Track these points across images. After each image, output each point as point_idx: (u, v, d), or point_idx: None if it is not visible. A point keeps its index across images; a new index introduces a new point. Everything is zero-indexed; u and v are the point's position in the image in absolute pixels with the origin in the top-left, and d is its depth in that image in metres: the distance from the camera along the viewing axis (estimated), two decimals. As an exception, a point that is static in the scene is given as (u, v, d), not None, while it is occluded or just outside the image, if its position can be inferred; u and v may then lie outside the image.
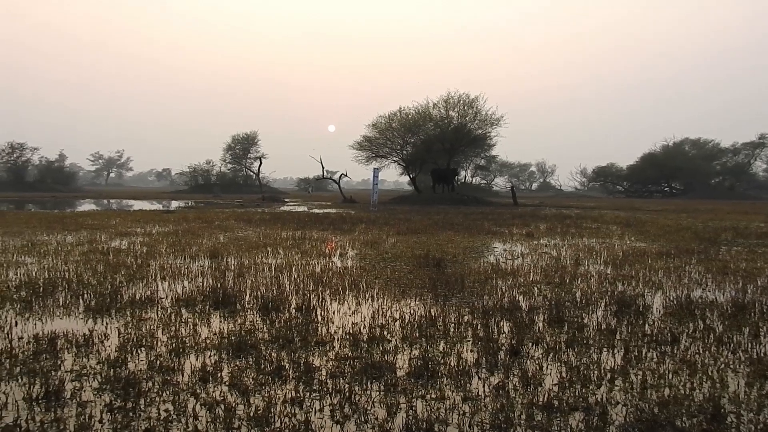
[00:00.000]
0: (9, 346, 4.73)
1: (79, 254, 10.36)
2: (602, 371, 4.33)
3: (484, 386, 4.01)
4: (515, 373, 4.29)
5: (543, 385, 4.05)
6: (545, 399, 3.73)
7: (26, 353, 4.58)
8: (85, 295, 6.70)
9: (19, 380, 4.00)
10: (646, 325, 5.70)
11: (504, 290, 7.41)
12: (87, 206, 33.82)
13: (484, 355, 4.64)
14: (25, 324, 5.53)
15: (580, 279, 8.32)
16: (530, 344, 5.00)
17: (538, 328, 5.58)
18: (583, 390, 3.95)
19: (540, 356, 4.71)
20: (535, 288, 7.63)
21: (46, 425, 3.30)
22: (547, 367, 4.44)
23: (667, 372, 4.35)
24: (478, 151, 52.02)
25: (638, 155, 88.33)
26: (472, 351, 4.82)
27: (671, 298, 6.90)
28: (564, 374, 4.25)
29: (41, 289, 7.00)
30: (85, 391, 3.82)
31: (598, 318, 5.99)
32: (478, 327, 5.53)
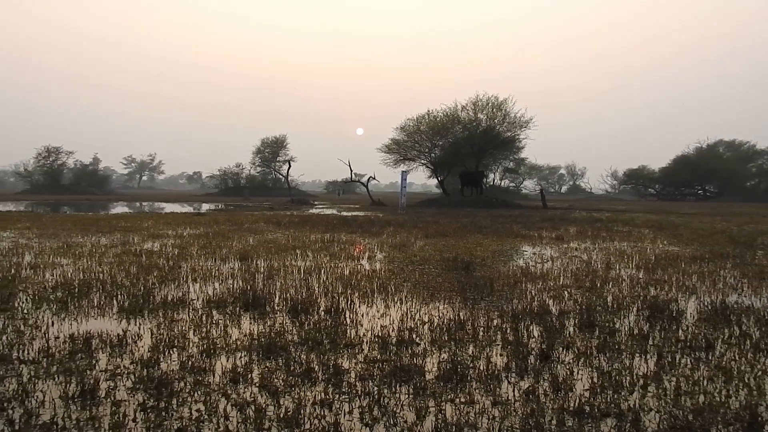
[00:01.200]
0: (46, 345, 4.84)
1: (112, 256, 10.55)
2: (635, 377, 4.26)
3: (514, 391, 3.98)
4: (545, 377, 4.24)
5: (574, 390, 4.00)
6: (576, 404, 3.69)
7: (62, 352, 4.67)
8: (119, 296, 6.82)
9: (56, 379, 4.09)
10: (680, 331, 5.59)
11: (534, 294, 7.35)
12: (120, 209, 34.44)
13: (514, 360, 4.61)
14: (61, 324, 5.66)
15: (611, 283, 8.21)
16: (561, 349, 4.95)
17: (569, 332, 5.52)
18: (615, 396, 3.89)
19: (571, 361, 4.66)
20: (566, 292, 7.55)
21: (82, 423, 3.37)
22: (578, 372, 4.39)
23: (701, 379, 4.26)
24: (506, 154, 51.71)
25: (671, 157, 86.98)
26: (501, 355, 4.79)
27: (706, 304, 6.76)
28: (595, 379, 4.19)
29: (76, 290, 7.14)
30: (119, 390, 3.89)
31: (630, 323, 5.90)
32: (508, 331, 5.49)
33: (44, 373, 4.20)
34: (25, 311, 6.11)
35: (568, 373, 4.35)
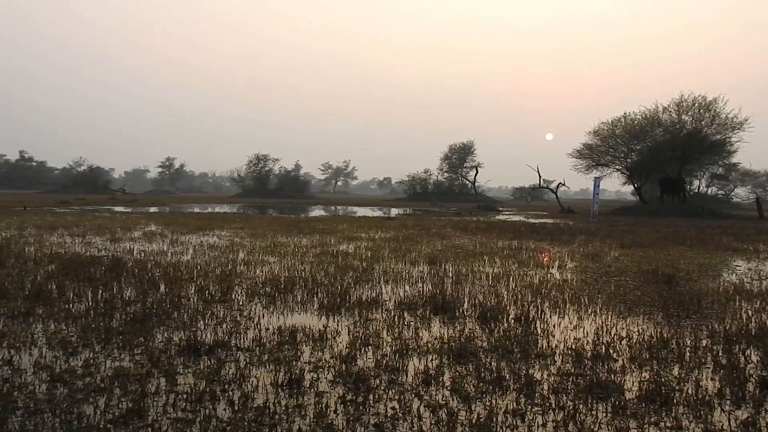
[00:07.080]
0: (258, 335, 5.33)
1: (312, 256, 11.33)
2: None
3: (729, 420, 3.60)
4: (768, 409, 3.79)
5: (804, 426, 3.52)
6: (808, 443, 3.24)
7: (271, 343, 5.11)
8: (319, 294, 7.30)
9: (267, 367, 4.48)
10: None
11: (750, 314, 6.59)
12: (318, 212, 36.90)
13: (728, 386, 4.17)
14: (270, 317, 6.19)
15: None
16: (786, 378, 4.38)
17: (796, 360, 4.87)
18: None
19: (799, 393, 4.10)
20: (791, 314, 6.67)
21: (290, 410, 3.65)
22: (808, 407, 3.85)
23: None
24: (714, 159, 47.06)
25: None
26: (712, 379, 4.36)
27: None
28: (832, 417, 3.65)
29: (282, 286, 7.77)
30: (321, 382, 4.16)
31: None
32: (720, 353, 4.98)
33: (257, 361, 4.62)
34: (240, 303, 6.78)
35: (797, 406, 3.84)
